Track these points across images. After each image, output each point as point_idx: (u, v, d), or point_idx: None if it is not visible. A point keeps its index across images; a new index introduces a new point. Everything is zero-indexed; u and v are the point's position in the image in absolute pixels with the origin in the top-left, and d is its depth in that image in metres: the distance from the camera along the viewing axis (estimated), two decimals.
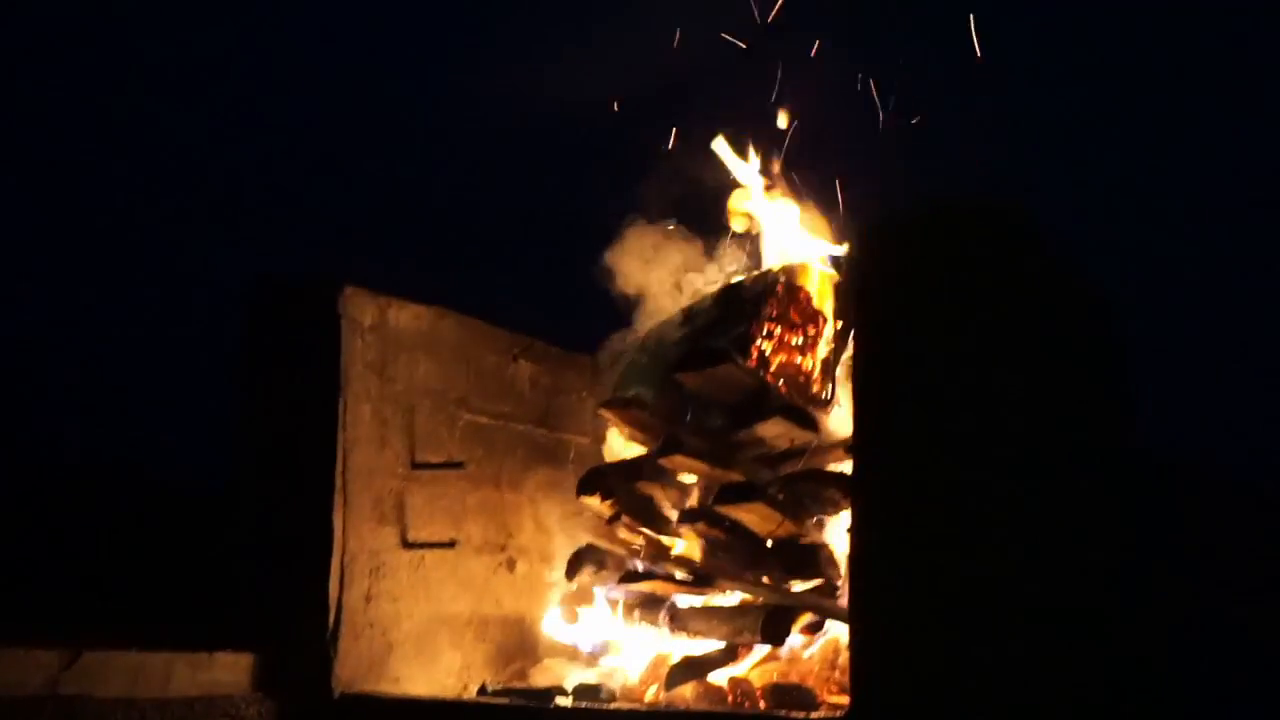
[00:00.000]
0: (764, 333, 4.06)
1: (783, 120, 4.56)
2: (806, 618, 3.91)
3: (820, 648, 3.92)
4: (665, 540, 4.19)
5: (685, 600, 4.11)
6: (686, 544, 4.16)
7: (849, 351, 3.93)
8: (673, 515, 4.18)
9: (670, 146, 4.87)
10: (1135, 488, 3.35)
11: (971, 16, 4.68)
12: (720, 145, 4.52)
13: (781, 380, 4.08)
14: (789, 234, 4.40)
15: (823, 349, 4.14)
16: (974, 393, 2.98)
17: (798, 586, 3.94)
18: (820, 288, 4.22)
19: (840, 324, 4.11)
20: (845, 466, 3.85)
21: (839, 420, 4.05)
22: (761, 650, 3.95)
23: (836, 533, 4.00)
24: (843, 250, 4.23)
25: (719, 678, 3.91)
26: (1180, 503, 4.12)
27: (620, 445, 4.40)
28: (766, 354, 4.07)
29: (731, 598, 4.06)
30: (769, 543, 4.00)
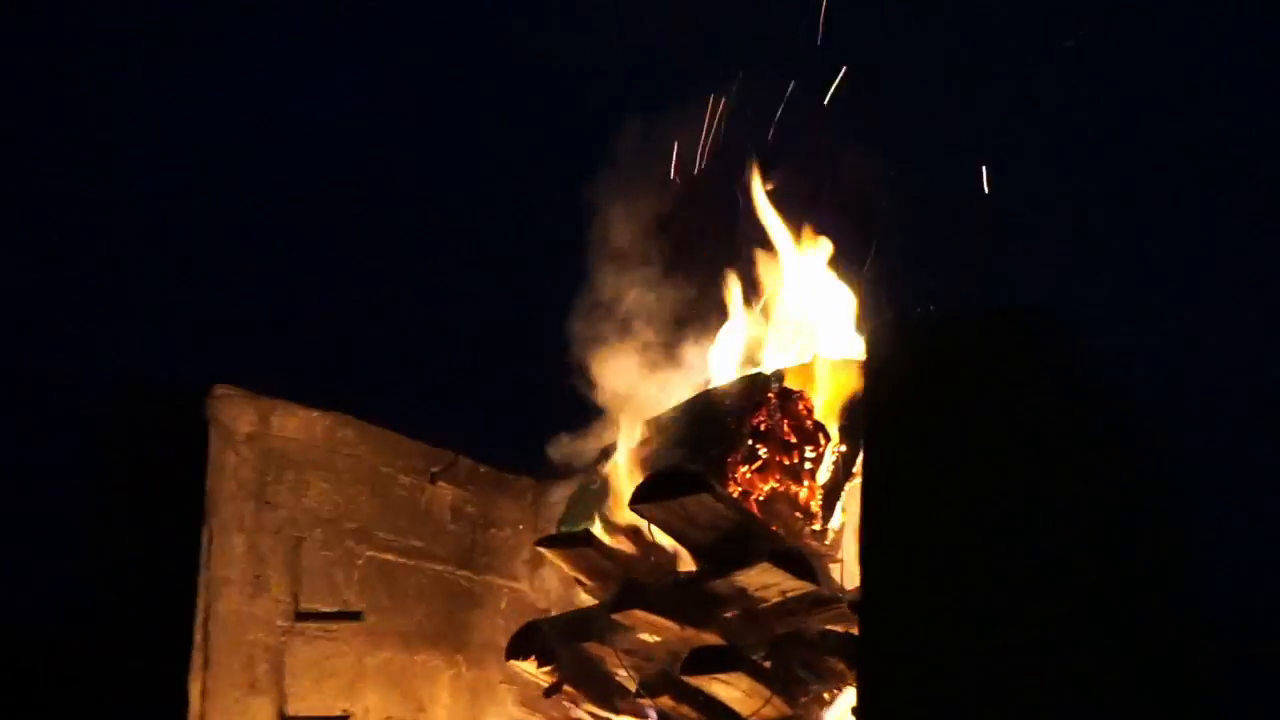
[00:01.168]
0: (750, 453, 3.80)
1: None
2: None
3: None
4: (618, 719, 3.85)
5: None
6: None
7: (857, 480, 3.69)
8: (630, 686, 3.80)
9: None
10: (1199, 656, 3.10)
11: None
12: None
13: (771, 515, 3.78)
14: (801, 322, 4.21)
15: (825, 475, 3.84)
16: (1017, 537, 2.68)
17: None
18: (830, 396, 3.91)
19: (846, 447, 3.81)
20: (852, 626, 3.51)
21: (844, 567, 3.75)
22: None
23: (839, 712, 3.64)
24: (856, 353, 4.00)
25: None
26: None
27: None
28: (752, 480, 3.81)
29: None
30: None
